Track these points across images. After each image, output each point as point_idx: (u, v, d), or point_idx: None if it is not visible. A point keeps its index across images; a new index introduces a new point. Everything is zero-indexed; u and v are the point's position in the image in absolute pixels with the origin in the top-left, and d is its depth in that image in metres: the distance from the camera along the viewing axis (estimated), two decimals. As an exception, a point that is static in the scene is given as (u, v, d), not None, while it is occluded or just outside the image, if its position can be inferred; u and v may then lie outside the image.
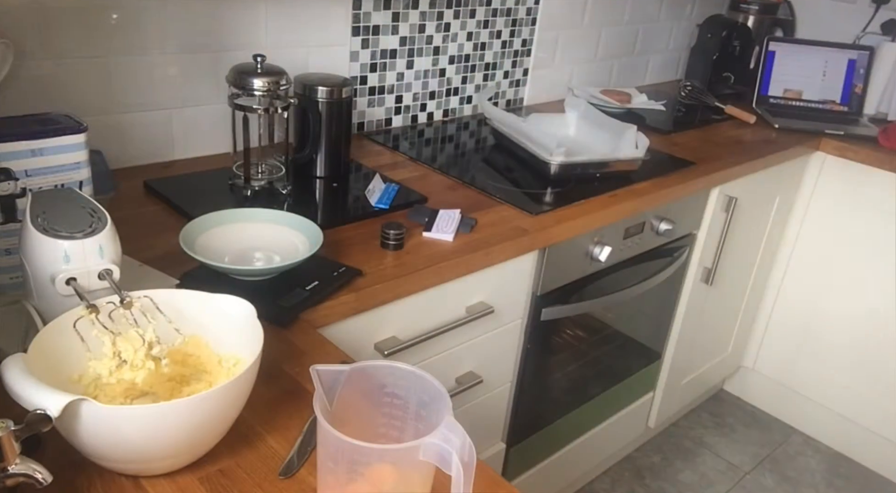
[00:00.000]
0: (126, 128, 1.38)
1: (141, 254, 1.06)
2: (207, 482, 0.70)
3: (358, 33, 1.65)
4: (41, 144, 0.91)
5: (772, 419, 2.48)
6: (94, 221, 0.80)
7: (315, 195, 1.44)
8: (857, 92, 2.28)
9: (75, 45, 1.27)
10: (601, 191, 1.52)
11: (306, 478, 0.72)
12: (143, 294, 0.77)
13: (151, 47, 1.35)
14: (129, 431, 0.63)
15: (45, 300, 0.80)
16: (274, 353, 0.89)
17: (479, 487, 0.71)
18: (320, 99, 1.41)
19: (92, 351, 0.72)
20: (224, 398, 0.67)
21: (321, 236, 1.07)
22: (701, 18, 2.44)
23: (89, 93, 1.31)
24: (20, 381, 0.61)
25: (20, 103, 1.21)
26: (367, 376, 0.69)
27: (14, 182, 0.89)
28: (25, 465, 0.59)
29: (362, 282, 1.09)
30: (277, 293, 1.01)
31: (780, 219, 2.21)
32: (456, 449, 0.59)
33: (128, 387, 0.73)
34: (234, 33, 1.45)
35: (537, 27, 2.04)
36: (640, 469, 2.20)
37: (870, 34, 2.38)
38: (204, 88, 1.45)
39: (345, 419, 0.64)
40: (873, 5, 2.38)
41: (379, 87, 1.75)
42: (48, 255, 0.77)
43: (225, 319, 0.78)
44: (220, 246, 1.07)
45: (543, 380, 1.64)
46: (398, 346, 1.18)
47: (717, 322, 2.20)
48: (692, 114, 2.22)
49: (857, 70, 2.28)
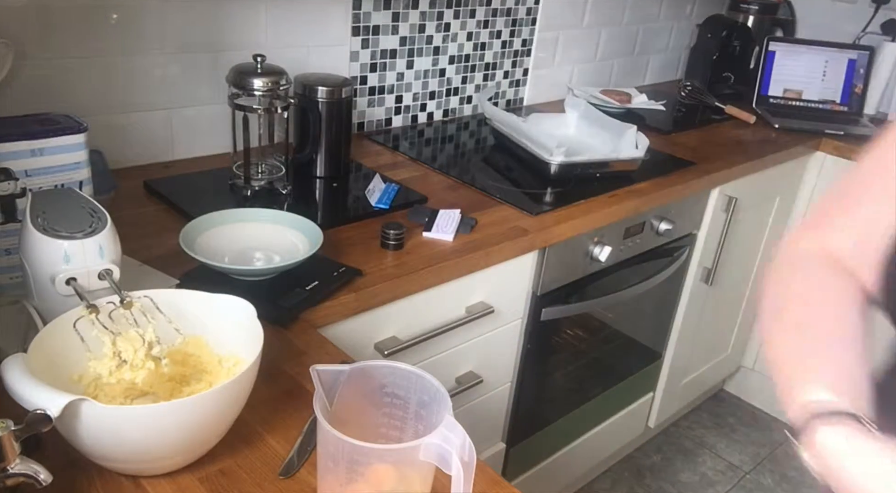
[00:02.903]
0: (126, 128, 1.38)
1: (141, 254, 1.06)
2: (207, 482, 0.70)
3: (358, 33, 1.65)
4: (41, 144, 0.91)
5: (772, 419, 2.48)
6: (94, 221, 0.80)
7: (315, 195, 1.44)
8: (857, 92, 2.28)
9: (75, 45, 1.27)
10: (601, 191, 1.52)
11: (306, 478, 0.72)
12: (143, 294, 0.77)
13: (151, 47, 1.35)
14: (129, 431, 0.63)
15: (45, 300, 0.80)
16: (274, 353, 0.89)
17: (479, 487, 0.71)
18: (320, 99, 1.41)
19: (92, 351, 0.72)
20: (224, 398, 0.67)
21: (321, 236, 1.07)
22: (701, 18, 2.44)
23: (89, 93, 1.31)
24: (20, 381, 0.61)
25: (20, 103, 1.21)
26: (367, 376, 0.69)
27: (14, 182, 0.89)
28: (25, 465, 0.59)
29: (362, 282, 1.09)
30: (277, 293, 1.01)
31: (780, 219, 2.21)
32: (456, 449, 0.59)
33: (128, 387, 0.73)
34: (234, 33, 1.45)
35: (537, 27, 2.04)
36: (641, 469, 2.20)
37: (870, 34, 2.38)
38: (204, 88, 1.45)
39: (345, 419, 0.64)
40: (873, 5, 2.38)
41: (379, 87, 1.74)
42: (48, 255, 0.77)
43: (225, 319, 0.78)
44: (220, 246, 1.07)
45: (543, 380, 1.64)
46: (398, 346, 1.18)
47: (717, 322, 2.20)
48: (692, 114, 2.22)
49: (857, 70, 2.28)
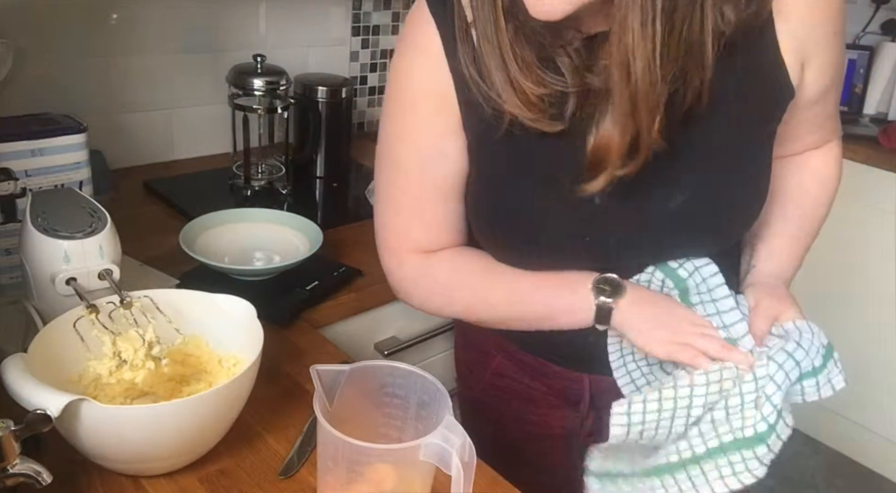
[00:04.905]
0: (126, 128, 1.38)
1: (141, 254, 1.06)
2: (207, 482, 0.70)
3: (358, 33, 1.65)
4: (41, 144, 0.91)
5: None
6: (94, 221, 0.80)
7: (315, 195, 1.44)
8: (857, 92, 2.28)
9: (75, 45, 1.27)
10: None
11: (306, 478, 0.72)
12: (143, 294, 0.77)
13: (151, 47, 1.35)
14: (129, 431, 0.63)
15: (45, 300, 0.80)
16: (274, 353, 0.89)
17: (479, 487, 0.71)
18: (320, 99, 1.41)
19: (92, 351, 0.72)
20: (224, 398, 0.67)
21: (321, 236, 1.07)
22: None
23: (89, 93, 1.31)
24: (20, 381, 0.61)
25: (20, 103, 1.21)
26: (367, 376, 0.69)
27: (14, 182, 0.89)
28: (25, 465, 0.59)
29: (362, 282, 1.09)
30: (277, 293, 1.01)
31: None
32: (456, 449, 0.59)
33: (128, 387, 0.73)
34: (234, 33, 1.45)
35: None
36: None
37: (870, 34, 2.38)
38: (204, 88, 1.45)
39: (345, 419, 0.64)
40: (873, 5, 2.37)
41: (379, 87, 1.74)
42: (48, 255, 0.77)
43: (225, 319, 0.78)
44: (220, 246, 1.07)
45: (543, 380, 1.64)
46: (398, 346, 1.18)
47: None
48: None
49: (857, 70, 2.28)
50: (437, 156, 0.75)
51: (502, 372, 0.92)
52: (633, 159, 0.65)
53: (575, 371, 0.86)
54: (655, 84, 0.60)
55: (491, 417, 0.96)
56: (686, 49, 0.61)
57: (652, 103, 0.61)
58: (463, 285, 0.80)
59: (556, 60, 0.65)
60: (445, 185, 0.77)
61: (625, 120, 0.62)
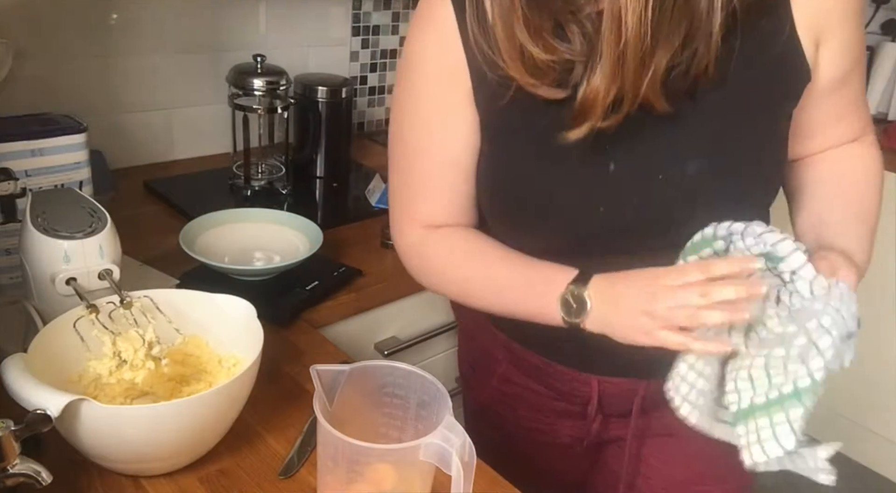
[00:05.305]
0: (126, 128, 1.38)
1: (141, 254, 1.06)
2: (207, 482, 0.70)
3: (358, 33, 1.65)
4: (41, 144, 0.91)
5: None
6: (94, 221, 0.80)
7: (315, 195, 1.44)
8: (857, 92, 2.28)
9: (75, 45, 1.27)
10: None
11: (306, 478, 0.72)
12: (143, 294, 0.77)
13: (151, 47, 1.35)
14: (129, 431, 0.63)
15: (45, 300, 0.80)
16: (274, 353, 0.89)
17: (479, 487, 0.71)
18: (320, 99, 1.41)
19: (92, 351, 0.72)
20: (224, 398, 0.67)
21: (321, 236, 1.07)
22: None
23: (89, 93, 1.31)
24: (20, 381, 0.61)
25: (20, 103, 1.20)
26: (367, 376, 0.69)
27: (14, 182, 0.89)
28: (25, 465, 0.59)
29: (362, 282, 1.09)
30: (277, 293, 1.01)
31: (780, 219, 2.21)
32: (456, 449, 0.59)
33: (128, 387, 0.73)
34: (234, 33, 1.45)
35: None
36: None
37: (870, 34, 2.38)
38: (204, 88, 1.45)
39: (345, 419, 0.64)
40: (873, 5, 2.37)
41: (379, 87, 1.74)
42: (48, 255, 0.77)
43: (225, 319, 0.78)
44: (220, 246, 1.07)
45: (543, 380, 1.64)
46: (398, 346, 1.18)
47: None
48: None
49: (857, 70, 2.27)
50: (447, 130, 0.75)
51: (509, 378, 0.91)
52: (615, 112, 0.64)
53: (581, 372, 0.84)
54: (646, 36, 0.60)
55: (498, 425, 0.95)
56: (690, 14, 0.61)
57: (640, 56, 0.61)
58: (455, 268, 0.79)
59: (565, 27, 0.65)
60: (454, 160, 0.76)
61: (612, 70, 0.62)
